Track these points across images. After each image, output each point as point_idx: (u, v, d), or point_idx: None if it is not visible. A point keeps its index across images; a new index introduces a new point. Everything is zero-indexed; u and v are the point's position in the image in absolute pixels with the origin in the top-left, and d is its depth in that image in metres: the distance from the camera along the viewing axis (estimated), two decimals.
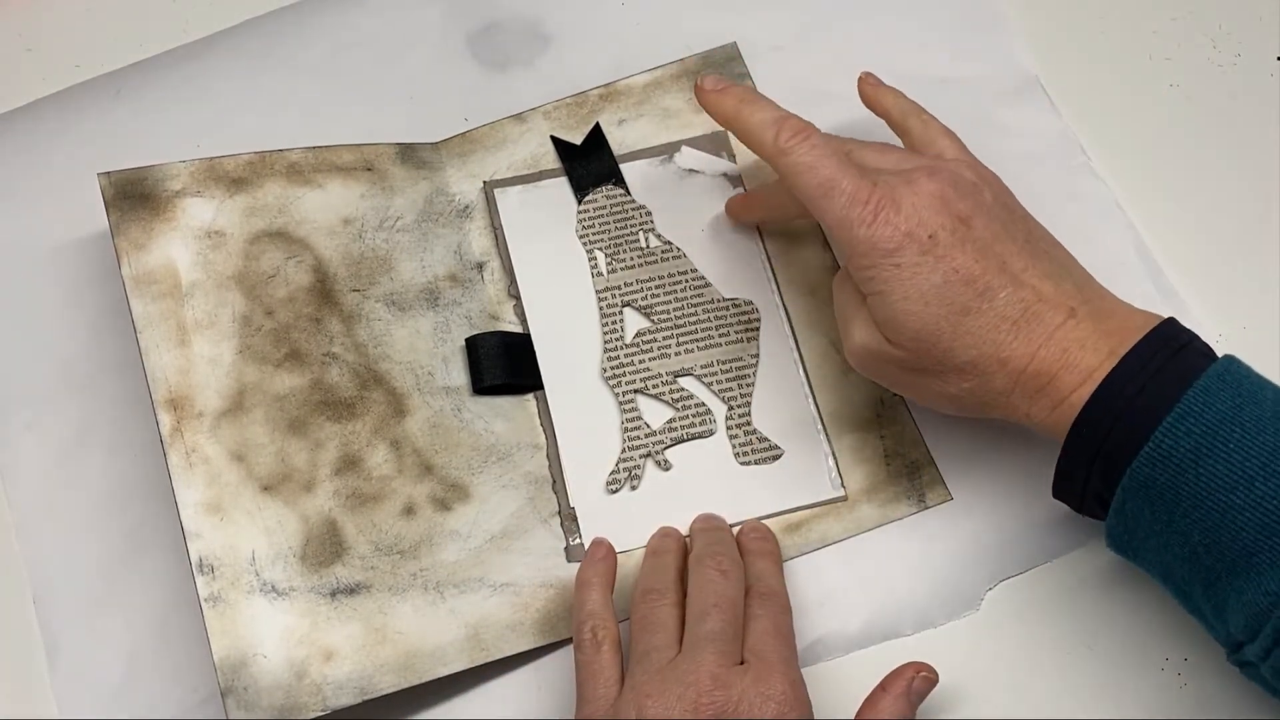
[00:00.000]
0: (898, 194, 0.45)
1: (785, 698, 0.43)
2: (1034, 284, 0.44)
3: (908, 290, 0.44)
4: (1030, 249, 0.45)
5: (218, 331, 0.52)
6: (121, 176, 0.53)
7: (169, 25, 0.61)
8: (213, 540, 0.49)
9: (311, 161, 0.56)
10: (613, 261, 0.56)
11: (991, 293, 0.44)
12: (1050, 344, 0.43)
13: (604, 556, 0.49)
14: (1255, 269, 0.56)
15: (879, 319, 0.45)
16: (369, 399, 0.52)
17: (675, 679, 0.43)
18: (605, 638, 0.46)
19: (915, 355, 0.45)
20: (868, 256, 0.44)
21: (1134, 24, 0.61)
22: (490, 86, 0.59)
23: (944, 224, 0.44)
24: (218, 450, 0.50)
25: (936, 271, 0.44)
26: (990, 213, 0.45)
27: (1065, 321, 0.44)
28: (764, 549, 0.50)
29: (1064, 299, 0.44)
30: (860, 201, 0.44)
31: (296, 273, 0.54)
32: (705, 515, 0.51)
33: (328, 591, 0.49)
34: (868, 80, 0.52)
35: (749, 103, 0.49)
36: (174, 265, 0.53)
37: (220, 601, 0.48)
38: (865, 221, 0.44)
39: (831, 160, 0.45)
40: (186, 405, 0.51)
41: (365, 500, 0.51)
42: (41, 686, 0.50)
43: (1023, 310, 0.44)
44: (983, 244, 0.44)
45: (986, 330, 0.44)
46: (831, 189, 0.45)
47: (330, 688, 0.47)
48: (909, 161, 0.47)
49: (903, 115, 0.51)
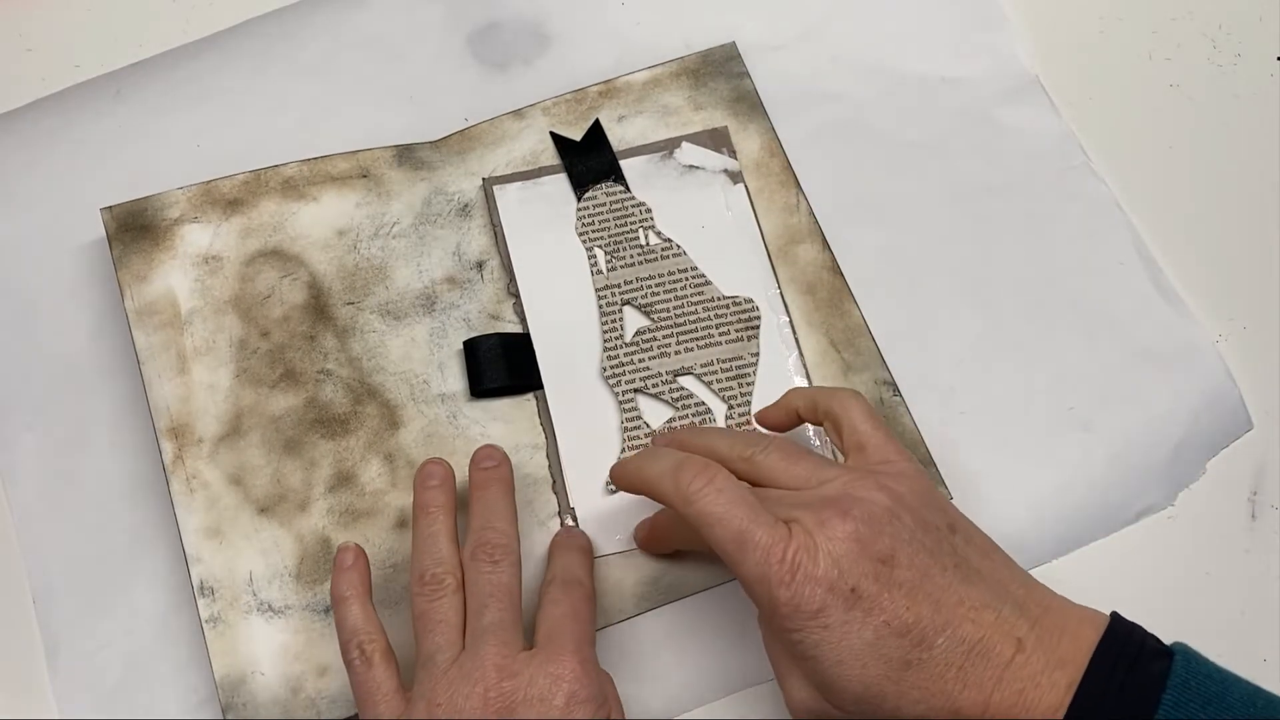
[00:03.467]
0: (813, 542, 0.41)
1: (576, 675, 0.43)
2: (973, 618, 0.40)
3: (840, 653, 0.40)
4: (961, 574, 0.41)
5: (215, 357, 0.53)
6: (122, 209, 0.55)
7: (169, 25, 0.61)
8: (212, 563, 0.50)
9: (306, 174, 0.56)
10: (612, 259, 0.56)
11: (928, 641, 0.40)
12: (1002, 686, 0.39)
13: (353, 564, 0.47)
14: (1255, 269, 0.56)
15: (816, 682, 0.41)
16: (362, 414, 0.53)
17: (461, 678, 0.43)
18: (374, 651, 0.45)
19: (862, 716, 0.41)
20: (792, 619, 0.40)
21: (1134, 24, 0.61)
22: (490, 86, 0.59)
23: (865, 571, 0.40)
24: (216, 475, 0.51)
25: (867, 627, 0.40)
26: (913, 541, 0.41)
27: (1014, 656, 0.40)
28: (574, 544, 0.49)
29: (1007, 629, 0.40)
30: (776, 558, 0.40)
31: (291, 291, 0.54)
32: (479, 467, 0.49)
33: (322, 608, 0.50)
34: (759, 418, 0.50)
35: (645, 459, 0.45)
36: (173, 294, 0.54)
37: (220, 622, 0.49)
38: (784, 581, 0.40)
39: (740, 508, 0.42)
40: (187, 432, 0.52)
41: (358, 516, 0.51)
42: (41, 686, 0.50)
43: (966, 652, 0.40)
44: (910, 586, 0.40)
45: (931, 681, 0.40)
46: (745, 543, 0.41)
47: (324, 701, 0.48)
48: (819, 478, 0.44)
49: (813, 405, 0.48)
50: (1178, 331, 0.54)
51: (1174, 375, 0.53)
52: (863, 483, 0.43)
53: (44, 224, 0.56)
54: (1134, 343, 0.54)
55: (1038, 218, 0.56)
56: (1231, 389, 0.53)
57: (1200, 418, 0.53)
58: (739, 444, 0.46)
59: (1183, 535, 0.51)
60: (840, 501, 0.42)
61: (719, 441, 0.46)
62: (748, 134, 0.58)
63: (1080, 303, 0.55)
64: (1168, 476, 0.52)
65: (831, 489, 0.43)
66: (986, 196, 0.57)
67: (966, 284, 0.55)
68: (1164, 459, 0.52)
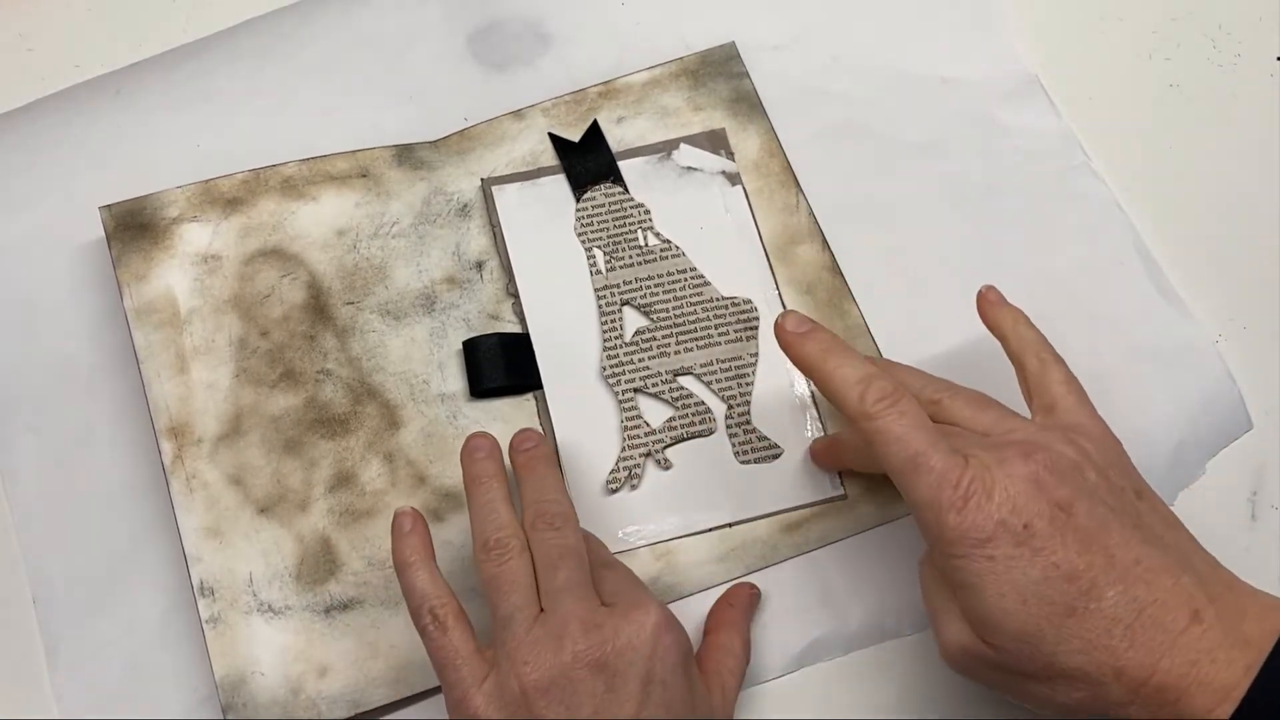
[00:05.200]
0: (990, 476, 0.40)
1: (660, 620, 0.43)
2: (1148, 580, 0.39)
3: (1003, 586, 0.39)
4: (1142, 536, 0.40)
5: (215, 356, 0.53)
6: (121, 208, 0.55)
7: (169, 25, 0.61)
8: (212, 564, 0.50)
9: (306, 174, 0.56)
10: (611, 259, 0.56)
11: (1098, 591, 0.39)
12: (1174, 654, 0.38)
13: (411, 528, 0.45)
14: (1255, 269, 0.56)
15: (973, 617, 0.41)
16: (362, 414, 0.53)
17: (546, 636, 0.42)
18: (447, 614, 0.44)
19: (1017, 659, 0.40)
20: (958, 545, 0.40)
21: (1134, 24, 0.61)
22: (490, 86, 0.59)
23: (1041, 511, 0.40)
24: (216, 475, 0.51)
25: (1034, 566, 0.39)
26: (1095, 496, 0.41)
27: (1189, 627, 0.38)
28: (593, 540, 0.49)
29: (1185, 598, 0.39)
30: (950, 483, 0.40)
31: (291, 290, 0.54)
32: (520, 451, 0.48)
33: (322, 609, 0.50)
34: (988, 297, 0.48)
35: (834, 354, 0.45)
36: (173, 293, 0.54)
37: (220, 623, 0.49)
38: (955, 506, 0.40)
39: (920, 433, 0.41)
40: (186, 432, 0.52)
41: (359, 516, 0.51)
42: (41, 686, 0.50)
43: (1137, 612, 0.39)
44: (1086, 534, 0.40)
45: (1096, 634, 0.39)
46: (920, 465, 0.41)
47: (325, 702, 0.48)
48: (1004, 427, 0.43)
49: (1020, 348, 0.46)
50: (1178, 331, 0.54)
51: (1174, 375, 0.53)
52: (1051, 435, 0.42)
53: (44, 224, 0.56)
54: (1134, 343, 0.54)
55: (1038, 218, 0.56)
56: (1231, 389, 0.53)
57: (1200, 418, 0.53)
58: (929, 385, 0.46)
59: None
60: (1025, 445, 0.41)
61: (910, 377, 0.46)
62: (747, 134, 0.58)
63: (1080, 303, 0.55)
64: (1168, 476, 0.52)
65: (1017, 436, 0.43)
66: (986, 196, 0.57)
67: (966, 284, 0.55)
68: (1164, 459, 0.52)
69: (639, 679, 0.42)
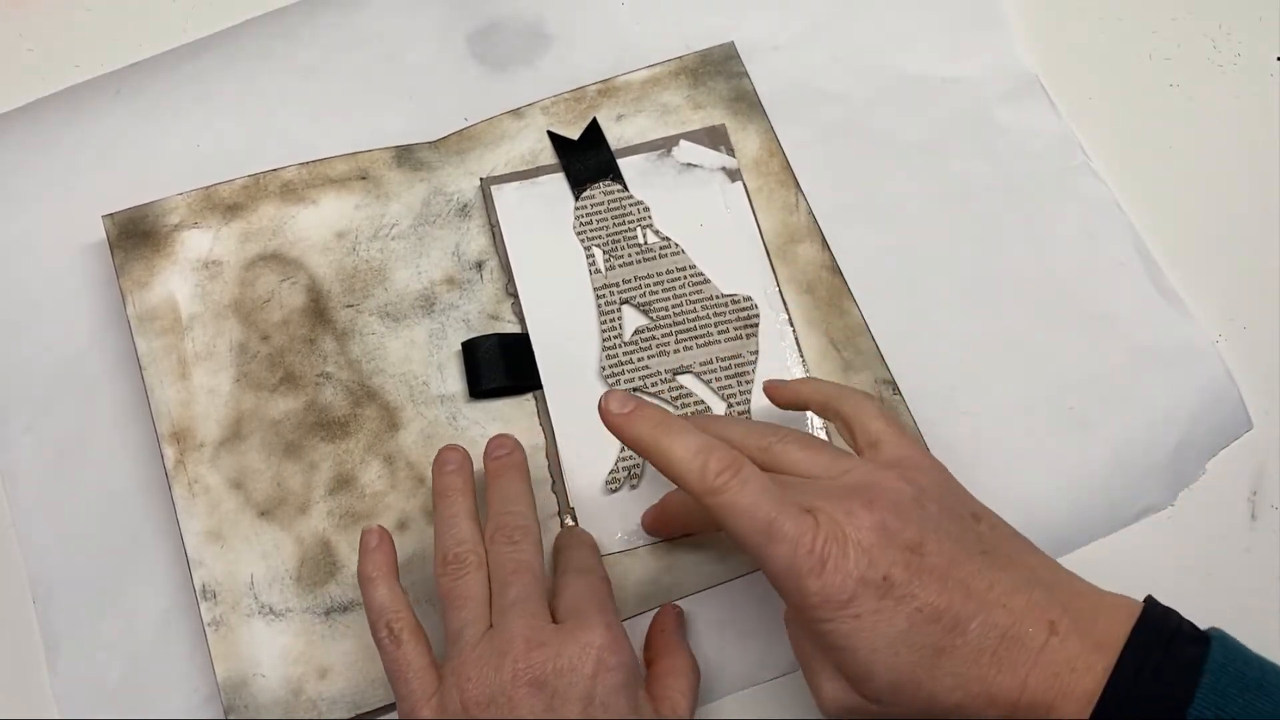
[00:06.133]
0: (841, 533, 0.40)
1: (604, 642, 0.43)
2: (1004, 603, 0.40)
3: (874, 642, 0.39)
4: (989, 560, 0.41)
5: (216, 362, 0.53)
6: (124, 216, 0.55)
7: (169, 25, 0.61)
8: (214, 567, 0.50)
9: (305, 178, 0.56)
10: (610, 258, 0.56)
11: (962, 626, 0.39)
12: (1038, 669, 0.39)
13: (377, 545, 0.46)
14: (1255, 269, 0.56)
15: (848, 673, 0.41)
16: (362, 416, 0.53)
17: (490, 652, 0.42)
18: (402, 628, 0.44)
19: (896, 707, 0.40)
20: (822, 609, 0.40)
21: (1134, 24, 0.61)
22: (490, 86, 0.59)
23: (895, 559, 0.40)
24: (218, 479, 0.51)
25: (899, 615, 0.39)
26: (940, 529, 0.41)
27: (1048, 640, 0.39)
28: (579, 540, 0.50)
29: (1039, 612, 0.40)
30: (805, 549, 0.40)
31: (290, 294, 0.54)
32: (492, 457, 0.49)
33: (322, 611, 0.50)
34: (768, 388, 0.50)
35: (664, 431, 0.43)
36: (174, 299, 0.54)
37: (222, 625, 0.49)
38: (814, 571, 0.40)
39: (765, 498, 0.41)
40: (188, 437, 0.52)
41: (359, 518, 0.51)
42: (41, 686, 0.50)
43: (1000, 637, 0.39)
44: (940, 571, 0.40)
45: (966, 667, 0.39)
46: (773, 534, 0.40)
47: (325, 703, 0.49)
48: (839, 468, 0.43)
49: (826, 400, 0.47)
50: (1177, 331, 0.54)
51: (1174, 375, 0.53)
52: (884, 473, 0.43)
53: (44, 224, 0.56)
54: (1134, 343, 0.54)
55: (1038, 218, 0.56)
56: (1231, 389, 0.53)
57: (1200, 418, 0.53)
58: (755, 433, 0.45)
59: (1183, 535, 0.51)
60: (864, 491, 0.41)
61: (734, 430, 0.46)
62: (747, 133, 0.58)
63: (1080, 303, 0.55)
64: (1168, 476, 0.52)
65: (852, 478, 0.43)
66: (986, 196, 0.57)
67: (966, 284, 0.55)
68: (1164, 459, 0.52)
69: (579, 700, 0.42)
